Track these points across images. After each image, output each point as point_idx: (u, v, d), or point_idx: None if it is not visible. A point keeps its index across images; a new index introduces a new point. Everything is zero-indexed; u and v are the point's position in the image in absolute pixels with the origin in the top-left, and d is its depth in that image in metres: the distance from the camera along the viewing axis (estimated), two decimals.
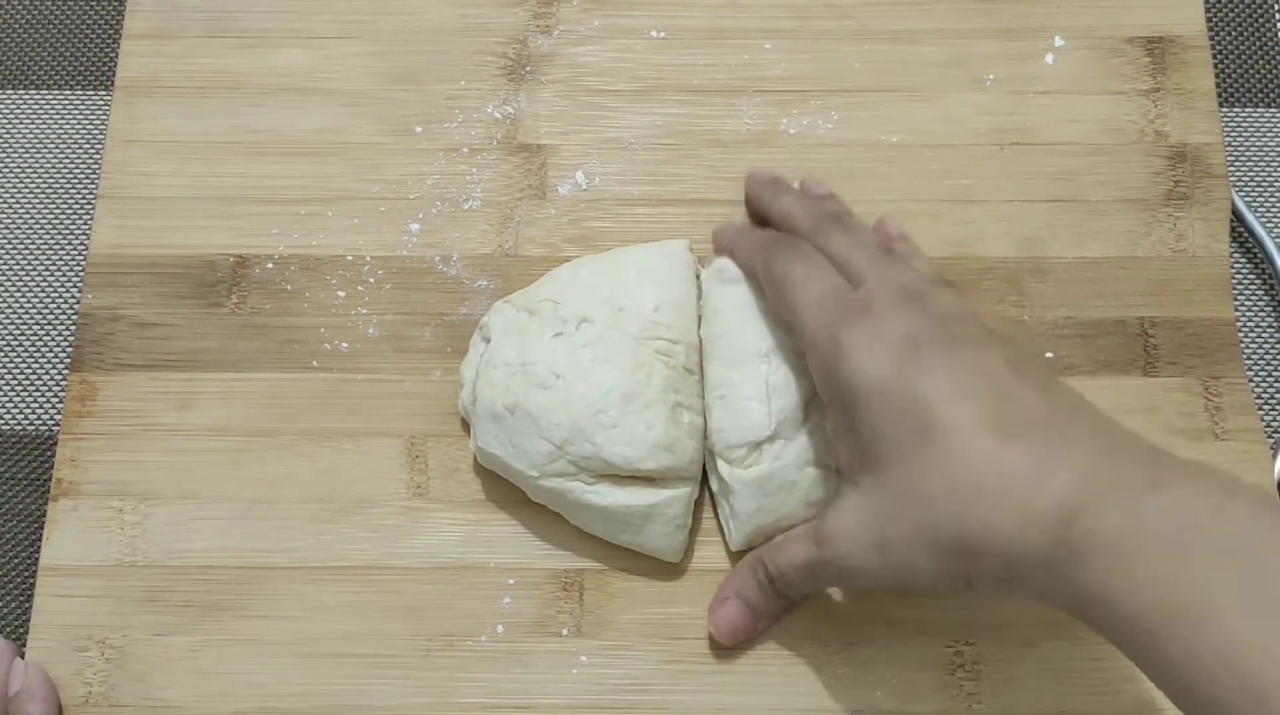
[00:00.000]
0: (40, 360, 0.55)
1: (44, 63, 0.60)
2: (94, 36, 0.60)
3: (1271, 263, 0.55)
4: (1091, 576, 0.35)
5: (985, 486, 0.38)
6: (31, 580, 0.49)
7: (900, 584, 0.41)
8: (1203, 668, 0.33)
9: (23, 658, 0.48)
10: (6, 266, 0.56)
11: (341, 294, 0.53)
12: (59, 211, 0.57)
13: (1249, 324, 0.55)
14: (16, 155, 0.58)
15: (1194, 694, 0.33)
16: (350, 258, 0.54)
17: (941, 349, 0.41)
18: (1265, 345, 0.55)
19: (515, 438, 0.47)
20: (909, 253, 0.50)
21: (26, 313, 0.55)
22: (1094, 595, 0.35)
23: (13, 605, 0.51)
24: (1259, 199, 0.57)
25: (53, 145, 0.58)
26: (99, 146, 0.58)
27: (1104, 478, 0.36)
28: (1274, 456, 0.52)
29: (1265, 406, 0.54)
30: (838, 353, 0.42)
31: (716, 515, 0.50)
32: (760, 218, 0.53)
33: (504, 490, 0.50)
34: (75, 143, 0.58)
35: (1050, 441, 0.38)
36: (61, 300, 0.55)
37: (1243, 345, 0.53)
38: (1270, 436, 0.53)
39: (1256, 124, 0.58)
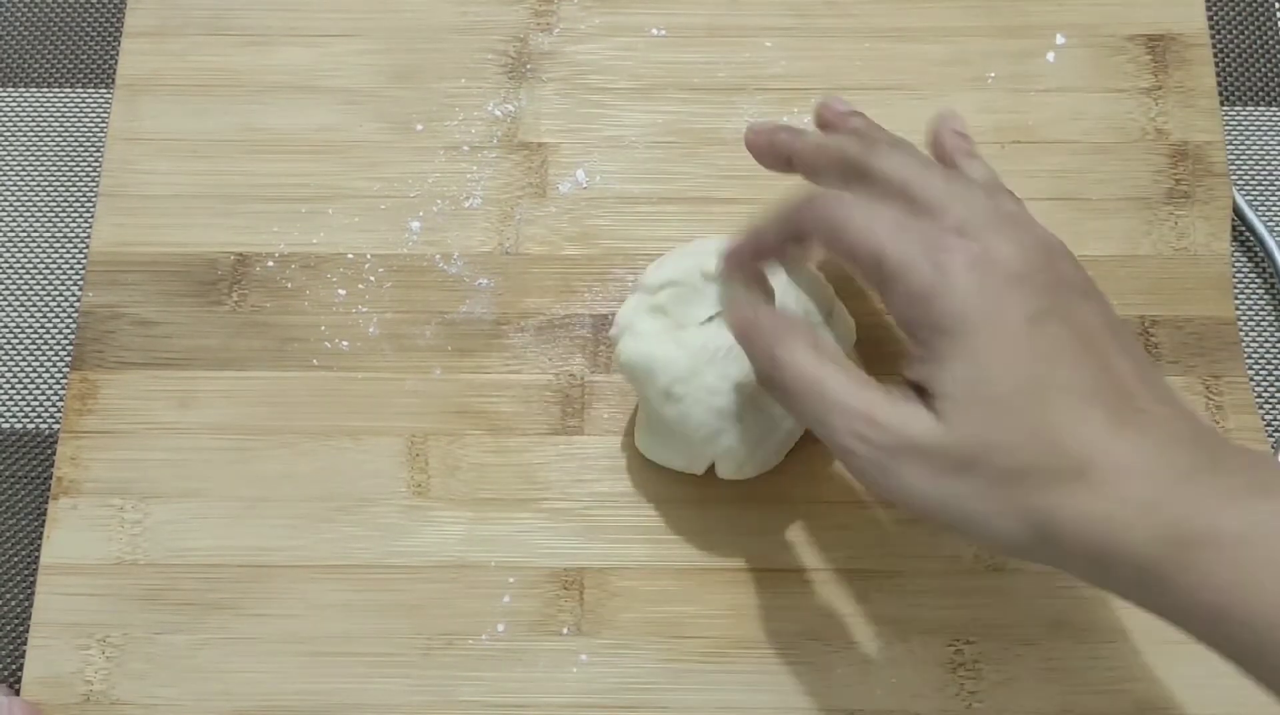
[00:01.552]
0: (41, 358, 0.55)
1: (44, 61, 0.60)
2: (94, 34, 0.60)
3: (1273, 261, 0.55)
4: (1204, 580, 0.33)
5: (1094, 471, 0.35)
6: (32, 578, 0.50)
7: (957, 527, 0.37)
8: None
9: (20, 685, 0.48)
10: (7, 264, 0.56)
11: (342, 292, 0.53)
12: (59, 210, 0.57)
13: (1250, 323, 0.55)
14: (16, 154, 0.58)
15: None
16: (351, 256, 0.54)
17: (1052, 295, 0.38)
18: (1265, 344, 0.55)
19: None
20: (972, 165, 0.45)
21: (27, 311, 0.55)
22: (1207, 601, 0.33)
23: (13, 603, 0.51)
24: (1260, 197, 0.57)
25: (53, 144, 0.58)
26: (99, 145, 0.58)
27: (1211, 479, 0.34)
28: (1274, 455, 0.52)
29: (1266, 406, 0.54)
30: (941, 279, 0.37)
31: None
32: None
33: (504, 489, 0.50)
34: (75, 141, 0.58)
35: (1157, 435, 0.36)
36: (62, 298, 0.55)
37: (1243, 344, 0.53)
38: (1271, 436, 0.53)
39: (1258, 122, 0.58)
